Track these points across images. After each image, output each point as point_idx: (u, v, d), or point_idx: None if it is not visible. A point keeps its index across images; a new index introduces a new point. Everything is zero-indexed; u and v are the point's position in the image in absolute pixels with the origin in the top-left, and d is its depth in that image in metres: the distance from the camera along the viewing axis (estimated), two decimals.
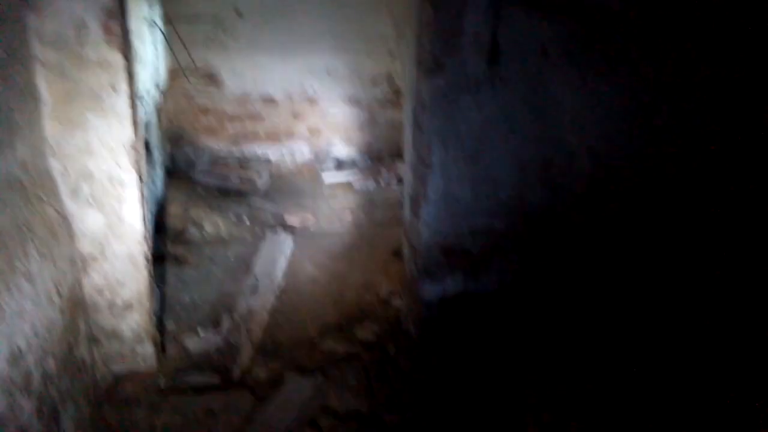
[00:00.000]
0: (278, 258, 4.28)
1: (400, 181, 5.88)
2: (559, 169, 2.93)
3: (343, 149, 6.57)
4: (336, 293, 3.91)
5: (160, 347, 3.06)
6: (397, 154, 6.03)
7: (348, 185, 6.10)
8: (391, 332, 3.38)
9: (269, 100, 6.39)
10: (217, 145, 6.23)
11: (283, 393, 2.81)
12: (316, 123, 6.55)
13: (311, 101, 6.50)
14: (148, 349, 2.89)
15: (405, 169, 3.43)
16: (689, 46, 2.76)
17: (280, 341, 3.34)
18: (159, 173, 5.07)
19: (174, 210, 4.93)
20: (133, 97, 2.57)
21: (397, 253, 4.15)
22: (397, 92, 6.33)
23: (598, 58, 2.77)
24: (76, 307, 2.51)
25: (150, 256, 2.86)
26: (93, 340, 2.73)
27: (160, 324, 3.24)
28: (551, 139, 2.88)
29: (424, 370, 2.98)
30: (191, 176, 5.75)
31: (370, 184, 6.04)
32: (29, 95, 2.28)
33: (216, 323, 3.45)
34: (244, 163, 6.09)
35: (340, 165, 6.46)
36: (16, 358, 1.84)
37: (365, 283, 4.02)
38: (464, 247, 3.00)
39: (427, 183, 2.89)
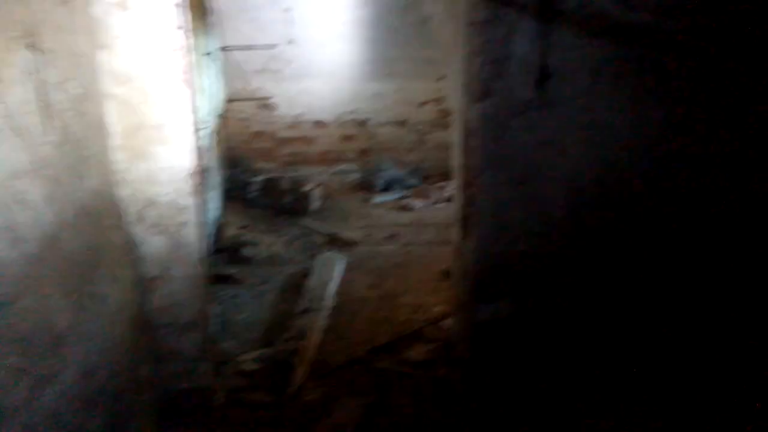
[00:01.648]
0: (329, 278, 4.37)
1: (448, 200, 5.91)
2: (613, 192, 2.89)
3: (392, 170, 6.65)
4: (387, 313, 3.95)
5: (218, 366, 3.17)
6: (446, 175, 6.06)
7: (397, 205, 6.17)
8: (442, 354, 3.40)
9: (320, 124, 6.56)
10: (270, 167, 6.42)
11: (335, 416, 2.85)
12: (365, 144, 6.68)
13: (360, 123, 6.63)
14: (206, 368, 2.99)
15: (454, 190, 3.46)
16: (743, 68, 2.71)
17: (332, 361, 3.40)
18: (215, 196, 5.26)
19: (230, 231, 5.11)
20: (194, 127, 2.71)
21: (447, 274, 4.16)
22: (445, 113, 6.39)
23: (650, 80, 2.74)
24: (141, 328, 2.64)
25: (208, 278, 2.98)
26: (157, 359, 2.85)
27: (218, 343, 3.36)
28: (603, 162, 2.85)
29: (476, 393, 2.98)
30: (246, 198, 5.94)
31: (419, 204, 6.09)
32: (100, 127, 2.44)
33: (270, 343, 3.55)
34: (296, 184, 6.25)
35: (389, 185, 6.54)
36: (87, 376, 1.96)
37: (416, 303, 4.05)
38: (515, 269, 2.99)
39: (476, 205, 2.91)
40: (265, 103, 6.37)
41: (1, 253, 1.52)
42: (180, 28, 2.50)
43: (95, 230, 2.28)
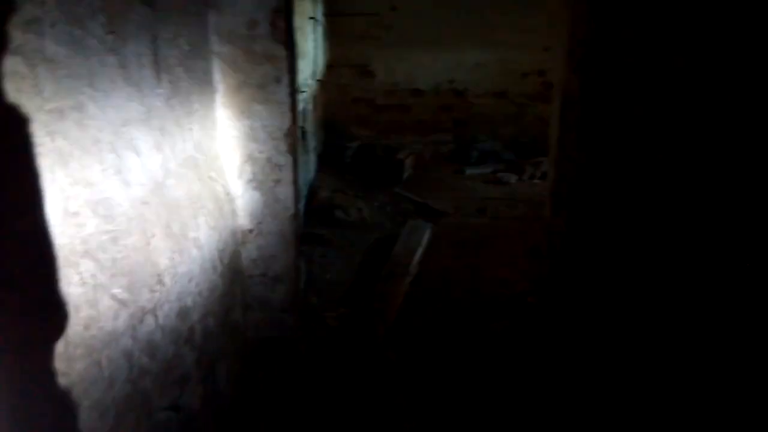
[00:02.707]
0: (416, 246, 4.40)
1: (543, 177, 5.72)
2: (715, 169, 2.68)
3: (488, 142, 6.53)
4: (471, 285, 3.93)
5: (303, 319, 3.31)
6: (544, 150, 5.87)
7: (490, 178, 6.06)
8: (525, 330, 3.34)
9: (417, 92, 6.53)
10: (366, 133, 6.51)
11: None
12: (461, 115, 6.58)
13: (458, 93, 6.54)
14: (292, 320, 3.14)
15: (549, 165, 3.35)
16: None
17: (411, 326, 3.45)
18: (312, 159, 5.42)
19: (323, 194, 5.25)
20: (293, 88, 2.79)
21: (536, 251, 4.06)
22: (548, 86, 6.15)
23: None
24: (235, 275, 2.80)
25: (299, 235, 3.09)
26: (246, 306, 3.02)
27: (304, 298, 3.50)
28: (719, 140, 2.64)
29: (558, 372, 2.91)
30: (340, 163, 6.07)
31: (513, 178, 5.95)
32: (206, 84, 2.57)
33: (353, 302, 3.65)
34: (390, 152, 6.29)
35: (483, 158, 6.43)
36: (183, 314, 2.11)
37: (501, 278, 3.99)
38: (610, 250, 2.87)
39: (571, 181, 2.80)
40: (364, 70, 6.42)
41: (113, 194, 1.65)
42: None
43: (198, 181, 2.42)
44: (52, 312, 1.35)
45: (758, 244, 2.70)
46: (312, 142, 5.46)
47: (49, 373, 1.35)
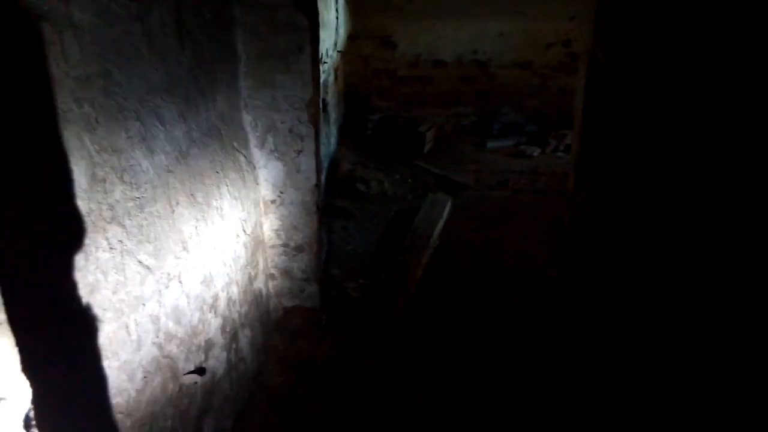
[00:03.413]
0: (436, 218, 4.39)
1: (566, 150, 5.65)
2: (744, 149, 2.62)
3: (510, 114, 6.44)
4: (491, 258, 3.93)
5: (325, 289, 3.34)
6: (568, 122, 5.78)
7: (512, 151, 6.00)
8: (545, 303, 3.34)
9: (440, 63, 6.44)
10: (387, 105, 6.46)
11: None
12: (484, 87, 6.49)
13: (481, 65, 6.44)
14: (313, 289, 3.18)
15: (573, 137, 3.30)
16: None
17: (432, 297, 3.47)
18: (333, 131, 5.41)
19: (344, 166, 5.26)
20: (315, 58, 2.78)
21: (557, 224, 4.04)
22: (572, 57, 6.02)
23: None
24: (257, 244, 2.84)
25: (320, 206, 3.11)
26: (269, 275, 3.07)
27: (325, 269, 3.53)
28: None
29: (576, 346, 2.92)
30: (362, 135, 6.05)
31: (536, 152, 5.89)
32: (229, 54, 2.57)
33: (374, 274, 3.67)
34: (411, 125, 6.25)
35: (506, 130, 6.35)
36: (207, 281, 2.15)
37: (522, 251, 3.98)
38: (635, 224, 2.83)
39: (595, 151, 2.76)
40: (386, 41, 6.35)
41: (138, 161, 1.68)
42: None
43: (221, 150, 2.44)
44: (82, 277, 1.39)
45: None
46: (333, 114, 5.44)
47: (80, 335, 1.40)
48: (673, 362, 2.57)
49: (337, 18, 5.13)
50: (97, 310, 1.44)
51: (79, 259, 1.38)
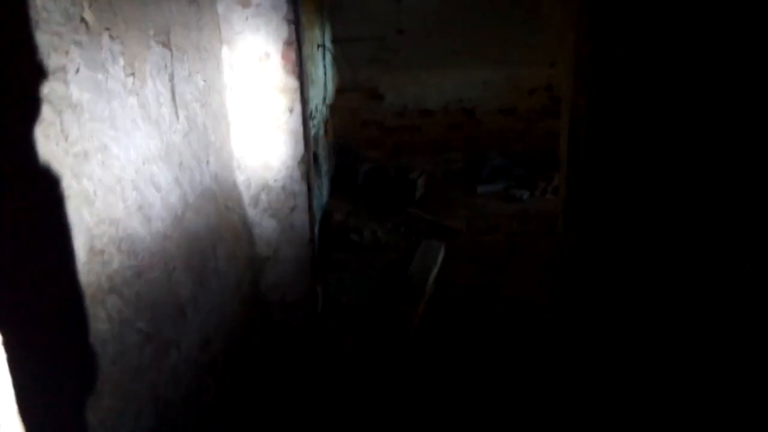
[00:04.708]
0: (431, 265, 4.41)
1: (555, 191, 5.73)
2: (742, 179, 2.69)
3: (498, 159, 6.55)
4: (486, 304, 3.93)
5: (322, 343, 3.33)
6: (555, 164, 5.88)
7: (503, 195, 6.08)
8: (543, 348, 3.34)
9: (426, 112, 6.59)
10: (377, 155, 6.56)
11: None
12: (471, 133, 6.62)
13: (467, 112, 6.59)
14: (311, 344, 3.16)
15: (559, 182, 3.37)
16: None
17: (429, 345, 3.45)
18: (324, 182, 5.48)
19: (337, 217, 5.30)
20: (306, 117, 2.85)
21: (550, 266, 4.06)
22: (554, 101, 6.18)
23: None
24: (253, 302, 2.84)
25: (316, 260, 3.13)
26: (266, 332, 3.05)
27: (322, 322, 3.52)
28: (723, 149, 2.66)
29: (578, 390, 2.90)
30: (353, 185, 6.12)
31: (525, 194, 5.97)
32: (222, 117, 2.64)
33: (371, 324, 3.66)
34: (401, 173, 6.34)
35: (495, 175, 6.45)
36: (205, 344, 2.15)
37: (517, 295, 3.99)
38: (625, 265, 2.87)
39: (582, 197, 2.82)
40: (373, 93, 6.50)
41: (136, 230, 1.70)
42: (292, 23, 2.63)
43: (215, 212, 2.48)
44: (83, 349, 1.39)
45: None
46: (324, 166, 5.52)
47: (80, 409, 1.39)
48: (669, 403, 2.56)
49: (325, 74, 5.27)
50: (97, 383, 1.44)
51: (79, 332, 1.39)
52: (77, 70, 1.43)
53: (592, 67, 2.63)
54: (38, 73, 1.28)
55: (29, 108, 1.27)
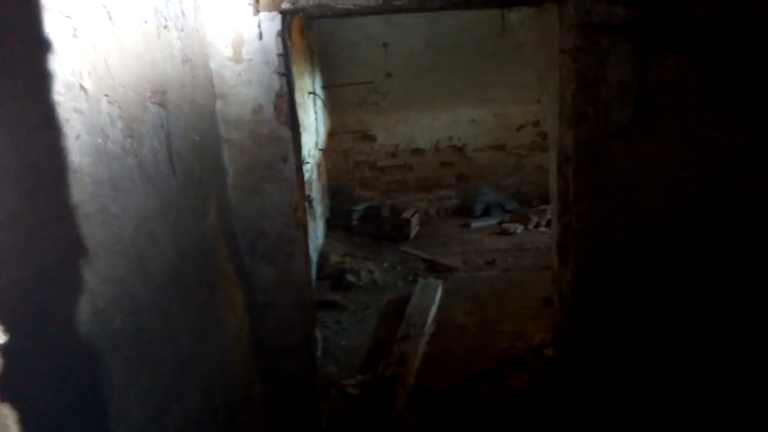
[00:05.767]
0: (429, 304, 4.43)
1: (548, 224, 5.78)
2: (725, 215, 2.75)
3: (491, 194, 6.63)
4: (486, 341, 3.94)
5: (322, 388, 3.31)
6: (547, 197, 5.96)
7: (496, 230, 6.13)
8: (543, 383, 3.33)
9: (418, 151, 6.69)
10: (371, 195, 6.64)
11: None
12: (463, 170, 6.72)
13: (458, 149, 6.70)
14: (311, 390, 3.15)
15: (552, 217, 3.42)
16: None
17: (432, 388, 3.45)
18: (320, 224, 5.52)
19: (333, 259, 5.33)
20: (299, 165, 2.91)
21: (548, 300, 4.09)
22: (543, 135, 6.31)
23: (752, 100, 2.61)
24: (254, 350, 2.84)
25: (314, 304, 3.15)
26: (266, 380, 3.05)
27: (322, 366, 3.52)
28: (711, 183, 2.73)
29: (576, 422, 2.90)
30: (348, 226, 6.17)
31: (519, 229, 6.02)
32: (217, 170, 2.69)
33: (371, 368, 3.66)
34: (395, 212, 6.40)
35: (488, 210, 6.52)
36: (207, 395, 2.15)
37: (516, 330, 4.01)
38: (619, 298, 2.91)
39: (574, 232, 2.87)
40: (364, 135, 6.62)
41: (136, 288, 1.73)
42: (284, 75, 2.71)
43: (213, 262, 2.51)
44: (89, 408, 1.41)
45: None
46: (319, 209, 5.58)
47: None
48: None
49: (316, 119, 5.38)
50: None
51: (83, 391, 1.40)
52: (77, 136, 1.48)
53: (577, 109, 2.71)
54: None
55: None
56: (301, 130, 3.57)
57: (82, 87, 1.52)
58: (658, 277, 2.86)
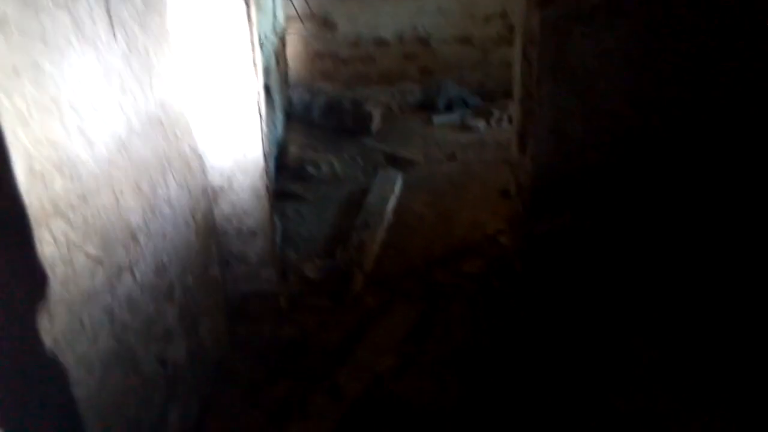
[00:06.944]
0: (388, 195, 4.44)
1: (511, 121, 5.77)
2: (679, 106, 2.76)
3: (454, 89, 6.52)
4: (443, 230, 4.01)
5: (282, 273, 3.36)
6: (510, 94, 5.90)
7: (459, 125, 6.09)
8: (496, 268, 3.45)
9: (381, 43, 6.46)
10: (332, 87, 6.44)
11: (391, 316, 3.00)
12: (427, 63, 6.55)
13: (423, 42, 6.48)
14: (270, 273, 3.19)
15: (514, 105, 3.39)
16: None
17: (388, 272, 3.53)
18: (279, 116, 5.37)
19: (293, 151, 5.24)
20: (254, 42, 2.76)
21: (505, 193, 4.15)
22: (511, 29, 6.13)
23: None
24: (209, 232, 2.82)
25: (271, 189, 3.11)
26: (224, 262, 3.06)
27: (281, 253, 3.54)
28: (670, 74, 2.71)
29: (528, 305, 3.03)
30: (308, 118, 6.03)
31: (481, 124, 5.99)
32: (164, 42, 2.52)
33: (331, 254, 3.71)
34: (357, 105, 6.26)
35: (451, 105, 6.43)
36: (160, 270, 2.14)
37: (473, 221, 4.08)
38: (573, 184, 2.96)
39: (534, 118, 2.86)
40: (326, 23, 6.31)
41: (77, 153, 1.65)
42: None
43: (163, 140, 2.41)
44: (31, 271, 1.37)
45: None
46: (278, 99, 5.40)
47: (33, 330, 1.39)
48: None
49: (273, 1, 5.07)
50: (48, 305, 1.42)
51: (26, 254, 1.36)
52: None
53: None
54: None
55: None
56: (257, 9, 3.36)
57: None
58: (613, 165, 2.91)
